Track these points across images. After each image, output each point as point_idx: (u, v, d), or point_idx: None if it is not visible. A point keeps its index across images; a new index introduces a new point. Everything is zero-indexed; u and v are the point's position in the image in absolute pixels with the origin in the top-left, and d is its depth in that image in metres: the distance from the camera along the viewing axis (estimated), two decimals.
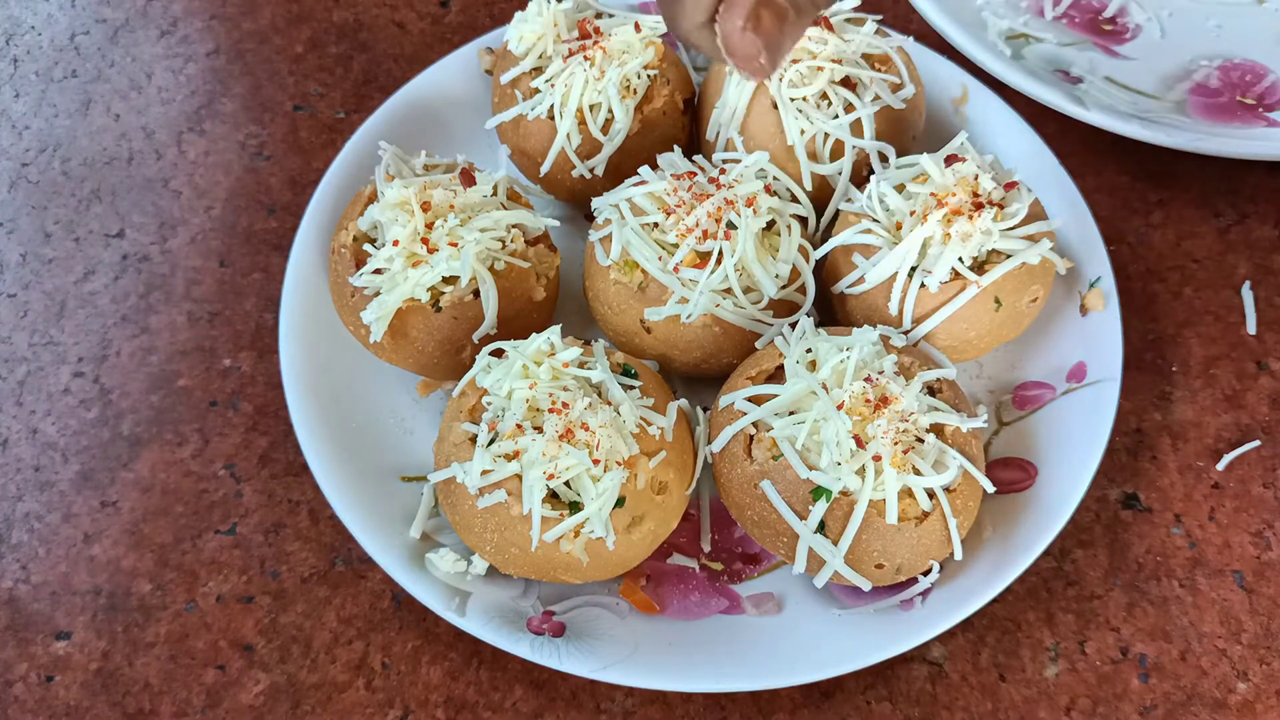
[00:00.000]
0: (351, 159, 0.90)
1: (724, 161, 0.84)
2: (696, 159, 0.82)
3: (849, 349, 0.72)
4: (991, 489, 0.73)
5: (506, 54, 0.89)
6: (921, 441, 0.71)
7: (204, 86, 1.05)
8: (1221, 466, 0.83)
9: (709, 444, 0.75)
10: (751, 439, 0.72)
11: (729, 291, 0.77)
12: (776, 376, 0.75)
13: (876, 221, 0.79)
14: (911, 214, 0.77)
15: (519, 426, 0.69)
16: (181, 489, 0.82)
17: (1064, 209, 0.88)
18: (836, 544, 0.69)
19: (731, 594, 0.76)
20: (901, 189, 0.79)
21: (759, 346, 0.79)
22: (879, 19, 0.89)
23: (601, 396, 0.71)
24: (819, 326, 0.77)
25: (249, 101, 1.04)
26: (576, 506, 0.68)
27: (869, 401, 0.70)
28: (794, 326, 0.77)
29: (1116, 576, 0.79)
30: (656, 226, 0.79)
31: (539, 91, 0.87)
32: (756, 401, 0.73)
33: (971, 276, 0.76)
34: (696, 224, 0.77)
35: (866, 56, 0.87)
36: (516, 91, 0.88)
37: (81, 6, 1.10)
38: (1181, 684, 0.75)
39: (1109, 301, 0.84)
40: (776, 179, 0.83)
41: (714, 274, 0.76)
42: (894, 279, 0.77)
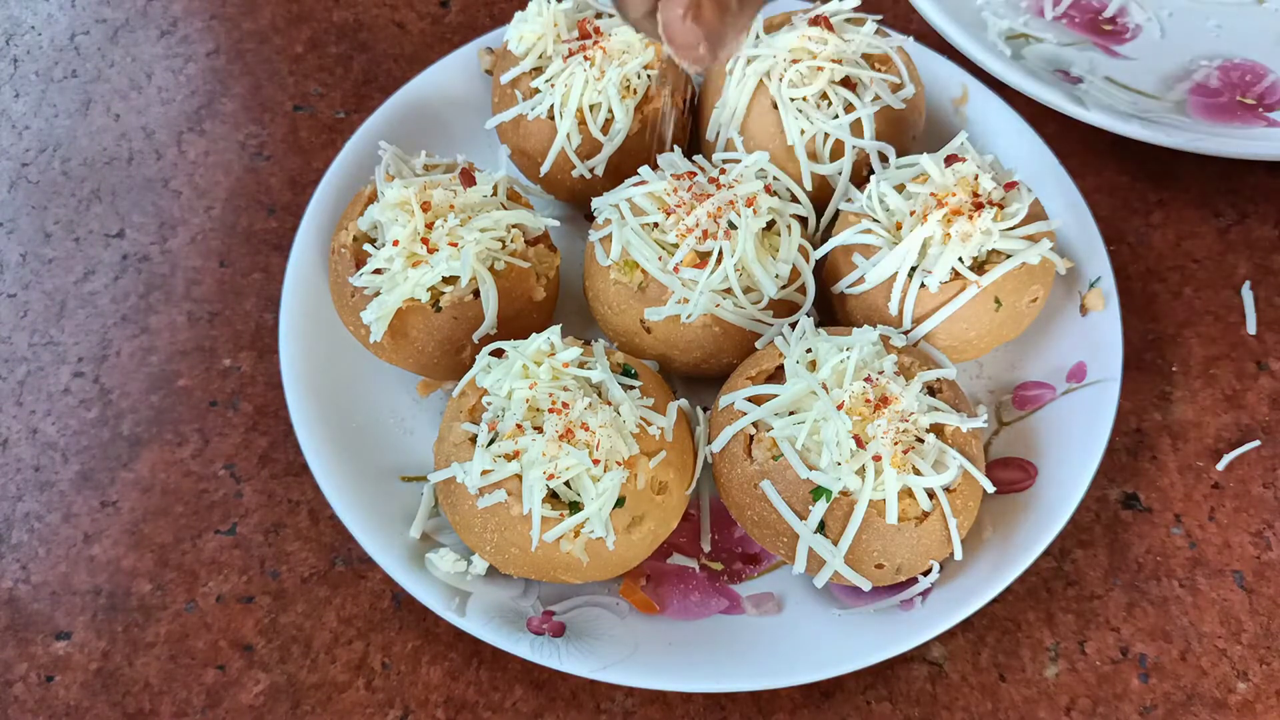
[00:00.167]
0: (351, 159, 0.90)
1: (724, 161, 0.84)
2: (696, 159, 0.82)
3: (849, 349, 0.72)
4: (991, 489, 0.73)
5: (506, 54, 0.89)
6: (921, 441, 0.71)
7: (204, 86, 1.05)
8: (1221, 466, 0.83)
9: (709, 444, 0.75)
10: (751, 439, 0.72)
11: (729, 291, 0.77)
12: (776, 376, 0.75)
13: (876, 221, 0.79)
14: (911, 214, 0.77)
15: (519, 426, 0.69)
16: (181, 489, 0.82)
17: (1064, 209, 0.88)
18: (836, 544, 0.69)
19: (731, 594, 0.76)
20: (901, 189, 0.79)
21: (759, 346, 0.79)
22: (879, 19, 0.89)
23: (601, 396, 0.71)
24: (819, 326, 0.77)
25: (249, 101, 1.04)
26: (576, 506, 0.68)
27: (869, 401, 0.70)
28: (794, 326, 0.77)
29: (1116, 576, 0.79)
30: (656, 226, 0.79)
31: (539, 91, 0.87)
32: (756, 401, 0.73)
33: (971, 276, 0.76)
34: (696, 224, 0.77)
35: (866, 56, 0.87)
36: (516, 91, 0.88)
37: (81, 6, 1.10)
38: (1181, 684, 0.75)
39: (1109, 301, 0.84)
40: (776, 179, 0.83)
41: (714, 274, 0.76)
42: (894, 279, 0.77)
